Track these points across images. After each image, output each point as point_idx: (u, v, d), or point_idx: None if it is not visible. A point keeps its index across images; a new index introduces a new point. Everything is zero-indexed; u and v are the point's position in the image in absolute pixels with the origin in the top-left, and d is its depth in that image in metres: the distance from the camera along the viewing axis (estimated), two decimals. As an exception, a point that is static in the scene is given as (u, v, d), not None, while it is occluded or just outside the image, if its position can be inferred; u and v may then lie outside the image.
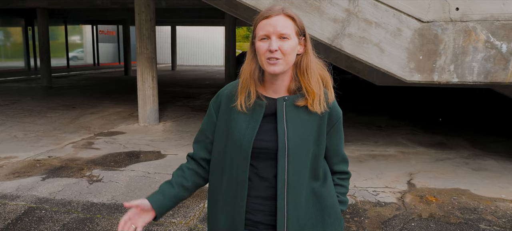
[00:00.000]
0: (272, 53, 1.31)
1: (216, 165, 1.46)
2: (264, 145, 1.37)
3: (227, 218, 1.42)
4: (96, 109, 9.37)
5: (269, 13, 1.34)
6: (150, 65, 7.55)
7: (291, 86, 1.39)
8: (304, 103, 1.37)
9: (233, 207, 1.40)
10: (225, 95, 1.46)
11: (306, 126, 1.37)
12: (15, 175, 4.75)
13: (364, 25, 4.03)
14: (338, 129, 1.46)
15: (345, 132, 5.92)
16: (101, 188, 4.33)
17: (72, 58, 23.03)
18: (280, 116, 1.37)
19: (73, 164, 5.21)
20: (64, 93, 12.45)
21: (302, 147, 1.36)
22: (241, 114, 1.40)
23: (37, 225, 3.46)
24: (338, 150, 1.48)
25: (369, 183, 4.60)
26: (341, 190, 1.52)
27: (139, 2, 7.37)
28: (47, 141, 6.42)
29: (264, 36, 1.33)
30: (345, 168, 1.53)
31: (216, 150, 1.46)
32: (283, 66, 1.33)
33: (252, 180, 1.39)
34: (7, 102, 10.36)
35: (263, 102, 1.39)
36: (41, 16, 14.45)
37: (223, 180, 1.43)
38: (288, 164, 1.35)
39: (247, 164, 1.37)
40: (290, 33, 1.33)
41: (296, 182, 1.37)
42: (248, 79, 1.39)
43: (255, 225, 1.41)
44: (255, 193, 1.39)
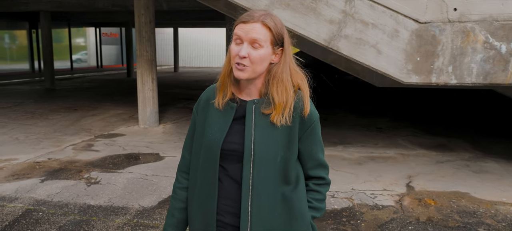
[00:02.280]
0: (240, 58, 1.32)
1: (193, 165, 1.48)
2: (233, 147, 1.37)
3: (201, 218, 1.44)
4: (97, 112, 9.40)
5: (248, 18, 1.34)
6: (150, 68, 7.56)
7: (262, 90, 1.40)
8: (270, 111, 1.37)
9: (205, 207, 1.42)
10: (204, 98, 1.49)
11: (274, 130, 1.36)
12: (15, 177, 4.76)
13: (361, 26, 4.02)
14: (312, 133, 1.44)
15: (345, 134, 5.88)
16: (98, 190, 4.33)
17: (76, 60, 23.13)
18: (248, 119, 1.38)
19: (72, 166, 5.22)
20: (67, 95, 12.50)
21: (269, 151, 1.36)
22: (215, 115, 1.42)
23: (34, 227, 3.46)
24: (312, 155, 1.45)
25: (367, 185, 4.57)
26: (315, 196, 1.49)
27: (139, 5, 7.39)
28: (47, 143, 6.45)
29: (238, 40, 1.34)
30: (322, 173, 1.50)
31: (194, 150, 1.48)
32: (249, 74, 1.35)
33: (223, 182, 1.40)
34: (10, 104, 10.41)
35: (234, 105, 1.41)
36: (44, 19, 14.53)
37: (197, 180, 1.45)
38: (253, 167, 1.35)
39: (216, 165, 1.38)
40: (263, 42, 1.33)
41: (261, 186, 1.36)
42: (225, 78, 1.42)
43: (225, 226, 1.41)
44: (225, 195, 1.40)
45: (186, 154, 1.54)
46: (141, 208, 3.88)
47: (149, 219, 3.64)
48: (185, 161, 1.54)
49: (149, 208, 3.87)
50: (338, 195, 4.27)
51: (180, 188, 1.55)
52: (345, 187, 4.49)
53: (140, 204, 3.97)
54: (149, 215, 3.72)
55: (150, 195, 4.21)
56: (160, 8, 13.30)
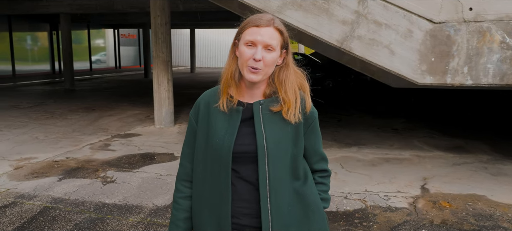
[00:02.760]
0: (255, 62, 1.34)
1: (198, 172, 1.48)
2: (244, 149, 1.39)
3: (213, 224, 1.44)
4: (115, 112, 9.56)
5: (260, 22, 1.37)
6: (166, 68, 7.65)
7: (266, 91, 1.44)
8: (279, 109, 1.41)
9: (219, 212, 1.42)
10: (203, 103, 1.49)
11: (283, 128, 1.41)
12: (34, 175, 4.89)
13: (374, 26, 3.99)
14: (314, 129, 1.50)
15: (360, 135, 5.88)
16: (113, 189, 4.41)
17: (95, 61, 23.55)
18: (257, 120, 1.40)
19: (89, 165, 5.33)
20: (85, 96, 12.74)
21: (281, 148, 1.40)
22: (220, 119, 1.43)
23: (51, 224, 3.55)
24: (316, 149, 1.52)
25: (381, 187, 4.54)
26: (322, 188, 1.56)
27: (155, 6, 7.49)
28: (66, 142, 6.59)
29: (250, 43, 1.36)
30: (324, 166, 1.57)
31: (197, 157, 1.48)
32: (262, 77, 1.38)
33: (235, 184, 1.41)
34: (31, 104, 10.67)
35: (240, 108, 1.42)
36: (64, 21, 14.83)
37: (206, 187, 1.45)
38: (268, 166, 1.38)
39: (229, 169, 1.39)
40: (276, 45, 1.37)
41: (277, 183, 1.39)
42: (229, 80, 1.43)
43: (242, 228, 1.43)
44: (239, 197, 1.41)
45: (186, 163, 1.53)
46: (155, 207, 3.94)
47: (162, 218, 3.70)
48: (185, 169, 1.53)
49: (163, 207, 3.92)
50: (351, 196, 4.25)
51: (182, 197, 1.53)
52: (358, 189, 4.46)
53: (154, 203, 4.03)
54: (162, 214, 3.78)
55: (163, 194, 4.27)
56: (177, 9, 13.44)
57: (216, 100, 1.45)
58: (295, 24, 4.23)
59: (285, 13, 4.22)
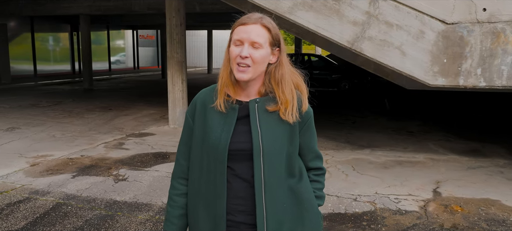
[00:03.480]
0: (242, 59, 1.36)
1: (194, 170, 1.49)
2: (240, 146, 1.40)
3: (208, 221, 1.45)
4: (130, 111, 9.70)
5: (247, 20, 1.38)
6: (180, 69, 7.73)
7: (261, 90, 1.44)
8: (275, 108, 1.41)
9: (214, 209, 1.43)
10: (200, 101, 1.50)
11: (278, 126, 1.42)
12: (49, 172, 5.01)
13: (385, 27, 3.95)
14: (310, 127, 1.51)
15: (374, 137, 5.82)
16: (125, 187, 4.48)
17: (114, 62, 23.94)
18: (253, 118, 1.41)
19: (102, 163, 5.43)
20: (103, 95, 12.96)
21: (276, 146, 1.40)
22: (216, 117, 1.44)
23: (62, 220, 3.63)
24: (311, 147, 1.53)
25: (391, 190, 4.48)
26: (317, 186, 1.56)
27: (170, 8, 7.57)
28: (81, 140, 6.72)
29: (238, 42, 1.38)
30: (319, 164, 1.58)
31: (193, 154, 1.49)
32: (251, 74, 1.38)
33: (231, 182, 1.42)
34: (50, 104, 10.92)
35: (236, 106, 1.43)
36: (83, 22, 15.13)
37: (201, 184, 1.46)
38: (264, 163, 1.38)
39: (225, 167, 1.40)
40: (263, 42, 1.37)
41: (272, 181, 1.40)
42: (226, 80, 1.44)
43: (237, 225, 1.44)
44: (234, 194, 1.42)
45: (182, 160, 1.53)
46: (164, 205, 3.98)
47: (170, 216, 3.73)
48: (181, 167, 1.54)
49: (171, 206, 3.96)
50: (361, 198, 4.21)
51: (178, 194, 1.54)
52: (368, 191, 4.42)
53: (163, 201, 4.07)
54: (171, 212, 3.81)
55: (173, 193, 4.31)
56: (193, 11, 13.56)
57: (213, 100, 1.46)
58: (306, 25, 4.23)
59: (296, 13, 4.22)
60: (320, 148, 5.89)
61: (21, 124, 8.00)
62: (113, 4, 13.89)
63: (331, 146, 6.45)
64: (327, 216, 3.77)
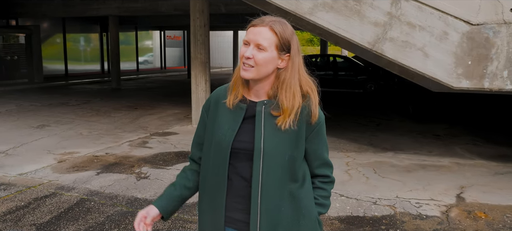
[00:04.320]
0: (246, 59, 1.38)
1: (204, 163, 1.53)
2: (243, 145, 1.42)
3: (210, 215, 1.49)
4: (155, 111, 9.88)
5: (258, 22, 1.41)
6: (204, 69, 7.81)
7: (270, 92, 1.44)
8: (278, 114, 1.41)
9: (214, 204, 1.47)
10: (214, 98, 1.54)
11: (283, 130, 1.40)
12: (75, 169, 5.17)
13: (407, 28, 3.89)
14: (318, 134, 1.48)
15: (398, 140, 5.70)
16: (146, 185, 4.58)
17: (142, 62, 24.45)
18: (258, 119, 1.42)
19: (126, 161, 5.56)
20: (130, 95, 13.25)
21: (278, 149, 1.40)
22: (225, 115, 1.47)
23: (85, 215, 3.75)
24: (318, 154, 1.50)
25: (413, 194, 4.40)
26: (321, 193, 1.53)
27: (194, 9, 7.67)
28: (107, 138, 6.90)
29: (246, 42, 1.41)
30: (327, 172, 1.54)
31: (205, 148, 1.53)
32: (254, 74, 1.40)
33: (232, 179, 1.45)
34: (79, 102, 11.25)
35: (244, 105, 1.45)
36: (112, 23, 15.50)
37: (208, 177, 1.50)
38: (262, 165, 1.39)
39: (226, 163, 1.43)
40: (267, 46, 1.38)
41: (270, 183, 1.40)
42: (238, 79, 1.47)
43: (235, 222, 1.47)
44: (235, 192, 1.45)
45: (194, 150, 1.59)
46: (183, 203, 4.04)
47: (188, 214, 3.79)
48: (193, 154, 1.60)
49: (190, 204, 4.02)
50: (381, 202, 4.15)
51: (189, 169, 1.60)
52: (389, 195, 4.35)
53: (183, 199, 4.13)
54: (189, 210, 3.87)
55: (193, 191, 4.37)
56: (218, 12, 13.67)
57: (226, 97, 1.49)
58: (326, 26, 4.20)
59: (316, 14, 4.20)
60: (342, 150, 5.82)
61: (51, 122, 8.29)
62: (140, 5, 14.18)
63: (353, 148, 6.38)
64: (345, 218, 3.73)
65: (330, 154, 1.57)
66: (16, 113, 9.32)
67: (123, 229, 3.48)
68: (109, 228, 3.48)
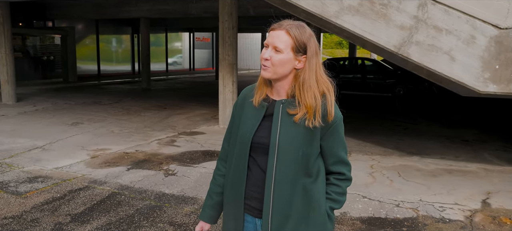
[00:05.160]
0: (264, 60, 1.51)
1: (230, 154, 1.67)
2: (261, 140, 1.54)
3: (231, 202, 1.64)
4: (184, 111, 10.12)
5: (276, 26, 1.52)
6: (231, 71, 7.96)
7: (289, 91, 1.55)
8: (295, 112, 1.51)
9: (235, 192, 1.61)
10: (242, 96, 1.68)
11: (297, 128, 1.51)
12: (107, 164, 5.40)
13: (434, 32, 3.89)
14: (334, 132, 1.56)
15: (425, 145, 5.67)
16: (173, 181, 4.74)
17: (172, 63, 24.96)
18: (276, 117, 1.54)
19: (154, 158, 5.76)
20: (159, 95, 13.59)
21: (292, 145, 1.50)
22: (250, 112, 1.60)
23: (116, 208, 3.94)
24: (334, 152, 1.58)
25: (437, 198, 4.38)
26: (335, 189, 1.61)
27: (223, 11, 7.84)
28: (137, 137, 7.14)
29: (266, 44, 1.53)
30: (342, 169, 1.61)
31: (232, 141, 1.67)
32: (271, 74, 1.52)
33: (252, 170, 1.58)
34: (111, 102, 11.64)
35: (266, 104, 1.57)
36: (143, 25, 15.93)
37: (231, 168, 1.64)
38: (277, 159, 1.51)
39: (247, 156, 1.56)
40: (284, 48, 1.49)
41: (284, 176, 1.51)
42: (263, 79, 1.59)
43: (252, 210, 1.60)
44: (253, 182, 1.58)
45: (226, 145, 1.74)
46: (209, 200, 4.17)
47: (214, 210, 3.91)
48: (224, 151, 1.74)
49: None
50: (403, 204, 4.16)
51: (219, 174, 1.75)
52: (412, 198, 4.35)
53: (208, 196, 4.27)
54: (214, 207, 4.00)
55: (218, 189, 4.50)
56: (247, 14, 13.84)
57: (252, 96, 1.62)
58: (352, 29, 4.26)
59: (342, 18, 4.26)
60: (367, 153, 5.84)
61: (85, 120, 8.64)
62: (171, 7, 14.52)
63: (378, 152, 6.36)
64: (366, 219, 3.77)
65: (355, 157, 1.66)
66: (52, 111, 9.76)
67: (151, 221, 3.64)
68: (138, 220, 3.65)
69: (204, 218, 1.77)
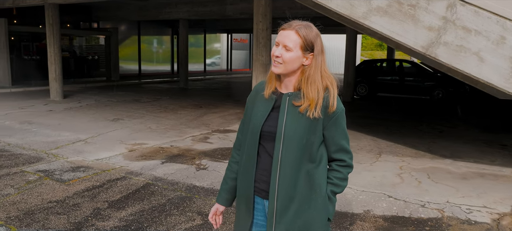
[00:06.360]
0: (275, 57, 1.67)
1: (243, 142, 1.84)
2: (269, 129, 1.71)
3: (243, 185, 1.80)
4: (218, 110, 10.39)
5: (286, 26, 1.69)
6: (264, 71, 8.12)
7: (295, 85, 1.71)
8: (300, 104, 1.67)
9: (246, 176, 1.78)
10: (255, 89, 1.86)
11: (301, 117, 1.66)
12: (143, 158, 5.70)
13: (462, 33, 3.88)
14: (336, 123, 1.70)
15: (459, 148, 5.65)
16: (204, 175, 4.96)
17: (210, 64, 25.48)
18: (282, 108, 1.70)
19: (188, 153, 6.01)
20: (196, 94, 13.98)
21: (296, 133, 1.66)
22: (261, 103, 1.76)
23: (149, 197, 4.19)
24: (335, 141, 1.72)
25: (465, 200, 4.34)
26: (336, 175, 1.75)
27: (257, 13, 8.02)
28: (172, 133, 7.45)
29: (276, 43, 1.69)
30: (344, 157, 1.75)
31: (245, 131, 1.84)
32: (282, 70, 1.67)
33: (262, 156, 1.74)
34: (150, 99, 12.11)
35: (274, 96, 1.74)
36: (182, 26, 16.42)
37: (243, 155, 1.81)
38: (282, 146, 1.67)
39: (257, 143, 1.73)
40: (293, 46, 1.65)
41: (288, 160, 1.66)
42: (272, 74, 1.76)
43: (260, 192, 1.77)
44: (262, 166, 1.74)
45: (240, 135, 1.91)
46: (236, 193, 4.35)
47: (240, 203, 4.09)
48: (238, 140, 1.92)
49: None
50: (429, 205, 4.15)
51: (233, 162, 1.93)
52: (439, 199, 4.33)
53: (236, 190, 4.44)
54: (241, 200, 4.17)
55: (246, 183, 4.67)
56: (283, 15, 13.94)
57: (264, 89, 1.79)
58: (380, 30, 4.31)
59: (370, 19, 4.32)
60: (397, 154, 5.85)
61: (124, 116, 9.08)
62: (208, 9, 14.90)
63: (409, 153, 6.32)
64: (389, 217, 3.81)
65: (385, 157, 1.77)
66: (95, 107, 10.31)
67: (181, 211, 3.86)
68: (169, 209, 3.88)
69: (220, 201, 1.95)
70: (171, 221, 3.63)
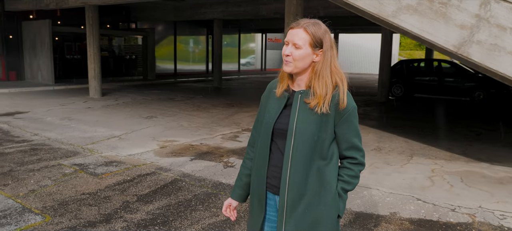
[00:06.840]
0: (286, 56, 1.69)
1: (257, 140, 1.87)
2: (281, 126, 1.73)
3: (256, 180, 1.83)
4: (249, 109, 10.46)
5: (294, 25, 1.70)
6: (295, 70, 8.11)
7: (308, 83, 1.72)
8: (310, 101, 1.67)
9: (259, 172, 1.80)
10: (269, 88, 1.88)
11: (312, 115, 1.67)
12: (173, 154, 5.84)
13: (497, 31, 3.73)
14: (348, 120, 1.69)
15: (497, 152, 5.48)
16: (231, 172, 5.02)
17: (244, 63, 25.68)
18: (294, 106, 1.72)
19: (216, 151, 6.10)
20: (228, 93, 14.13)
21: (307, 130, 1.67)
22: (273, 101, 1.78)
23: (176, 192, 4.30)
24: (346, 139, 1.71)
25: (499, 206, 4.16)
26: (348, 172, 1.75)
27: (289, 12, 8.02)
28: (203, 131, 7.58)
29: (286, 42, 1.71)
30: (355, 155, 1.74)
31: (259, 128, 1.86)
32: (292, 68, 1.68)
33: (274, 153, 1.76)
34: (184, 98, 12.36)
35: (286, 94, 1.76)
36: (216, 26, 16.64)
37: (256, 152, 1.84)
38: (293, 142, 1.68)
39: (269, 140, 1.75)
40: (302, 44, 1.66)
41: (299, 157, 1.67)
42: (284, 73, 1.77)
43: (272, 187, 1.79)
44: (275, 163, 1.76)
45: (254, 132, 1.94)
46: (261, 191, 4.38)
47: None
48: (252, 137, 1.94)
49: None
50: (460, 210, 4.02)
51: (248, 158, 1.95)
52: (471, 204, 4.18)
53: (262, 188, 4.47)
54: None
55: (272, 182, 4.69)
56: (317, 14, 13.84)
57: (276, 87, 1.80)
58: (409, 29, 4.22)
59: (400, 17, 4.24)
60: (430, 157, 5.71)
61: (158, 114, 9.32)
62: (243, 9, 15.02)
63: (443, 156, 6.12)
64: (416, 221, 3.72)
65: (416, 160, 1.75)
66: (131, 105, 10.64)
67: (206, 206, 3.93)
68: (195, 204, 3.97)
69: (233, 196, 1.99)
70: (195, 216, 3.71)
